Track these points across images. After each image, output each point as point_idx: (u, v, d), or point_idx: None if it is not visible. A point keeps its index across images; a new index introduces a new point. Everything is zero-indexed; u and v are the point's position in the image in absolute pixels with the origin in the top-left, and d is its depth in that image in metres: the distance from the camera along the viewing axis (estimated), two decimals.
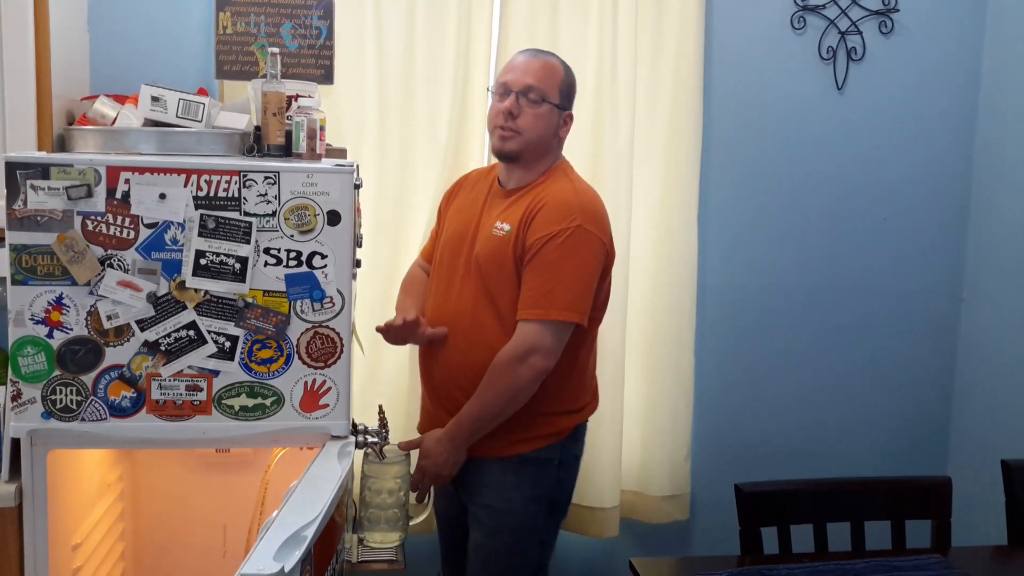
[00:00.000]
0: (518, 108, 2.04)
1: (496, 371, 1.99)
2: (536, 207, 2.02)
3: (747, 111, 2.85)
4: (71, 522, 2.04)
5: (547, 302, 1.97)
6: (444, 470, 2.07)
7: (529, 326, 1.98)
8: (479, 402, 2.01)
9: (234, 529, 2.37)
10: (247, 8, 2.39)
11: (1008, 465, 2.14)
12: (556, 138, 2.11)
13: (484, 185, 2.19)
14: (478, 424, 2.03)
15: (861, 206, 2.94)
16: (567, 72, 2.12)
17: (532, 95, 2.04)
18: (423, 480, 2.10)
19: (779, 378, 2.96)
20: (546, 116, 2.06)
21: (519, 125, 2.04)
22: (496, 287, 2.04)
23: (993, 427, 2.86)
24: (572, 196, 2.04)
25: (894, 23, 2.88)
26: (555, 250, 1.97)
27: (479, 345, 2.04)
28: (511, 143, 2.06)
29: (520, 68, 2.07)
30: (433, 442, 2.07)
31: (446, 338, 2.09)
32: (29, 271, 1.83)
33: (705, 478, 2.90)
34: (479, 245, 2.08)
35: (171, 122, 2.09)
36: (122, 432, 1.89)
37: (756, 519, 2.00)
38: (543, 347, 1.97)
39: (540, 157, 2.09)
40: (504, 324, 2.03)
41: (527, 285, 2.00)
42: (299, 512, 1.58)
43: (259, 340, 1.90)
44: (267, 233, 1.88)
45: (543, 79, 2.06)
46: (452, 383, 2.10)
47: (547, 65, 2.08)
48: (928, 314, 3.01)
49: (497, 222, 2.06)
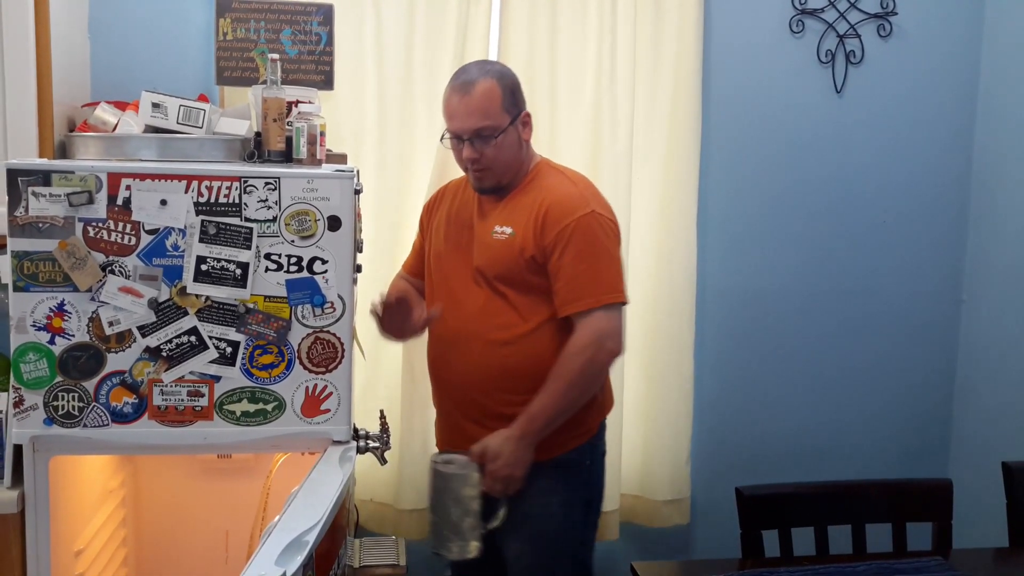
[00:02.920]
0: (478, 152, 2.01)
1: (570, 361, 1.97)
2: (541, 207, 2.01)
3: (746, 114, 2.86)
4: (73, 528, 2.04)
5: (595, 289, 1.97)
6: (517, 470, 1.98)
7: (590, 315, 1.97)
8: (553, 395, 1.97)
9: (236, 535, 2.37)
10: (247, 14, 2.40)
11: (1009, 467, 2.14)
12: (525, 144, 2.09)
13: (466, 195, 2.16)
14: (552, 417, 1.98)
15: (860, 208, 2.94)
16: (502, 80, 2.03)
17: (484, 134, 1.99)
18: (495, 485, 1.99)
19: (779, 381, 2.96)
20: (505, 143, 2.02)
21: (486, 162, 2.02)
22: (509, 289, 2.03)
23: (994, 429, 2.86)
24: (571, 186, 2.06)
25: (892, 26, 2.88)
26: (580, 239, 1.97)
27: (503, 347, 2.02)
28: (487, 181, 2.05)
29: (458, 113, 2.01)
30: (501, 442, 1.98)
31: (460, 350, 2.06)
32: (31, 278, 1.84)
33: (705, 481, 2.90)
34: (479, 254, 2.06)
35: (172, 128, 2.10)
36: (124, 438, 1.90)
37: (757, 522, 2.01)
38: (612, 331, 1.98)
39: (519, 170, 2.08)
40: (525, 321, 2.02)
41: (565, 278, 1.98)
42: (301, 517, 1.58)
43: (260, 345, 1.90)
44: (268, 238, 1.88)
45: (486, 112, 1.99)
46: (474, 389, 2.06)
47: (481, 94, 1.99)
48: (928, 316, 3.01)
49: (496, 227, 2.05)
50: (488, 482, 1.98)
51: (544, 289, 2.02)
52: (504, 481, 1.98)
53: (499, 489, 1.99)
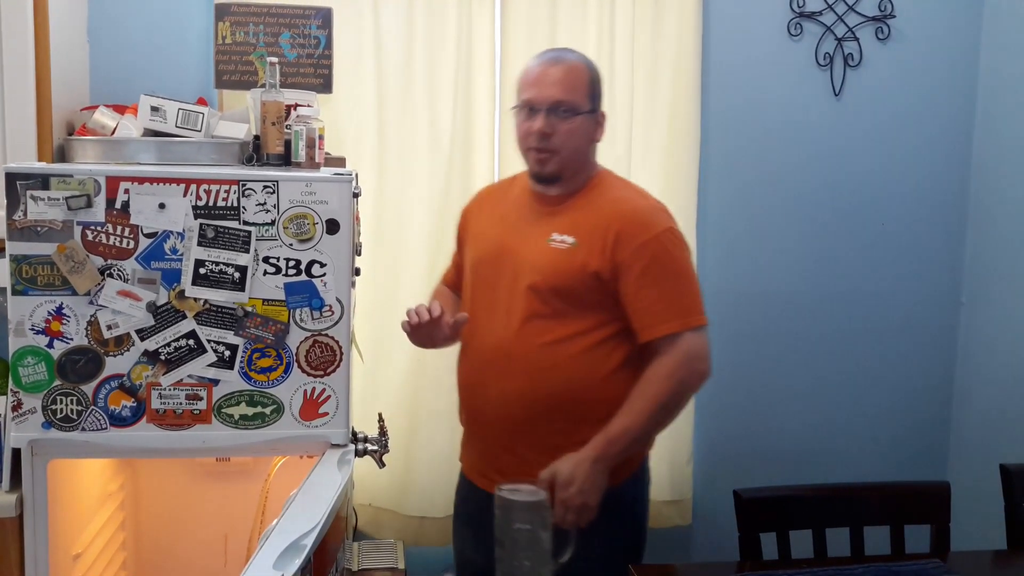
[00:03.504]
0: (551, 127, 1.88)
1: (660, 383, 1.83)
2: (613, 220, 1.88)
3: (745, 117, 2.86)
4: (72, 532, 2.04)
5: (681, 310, 1.86)
6: (591, 498, 1.80)
7: (679, 338, 1.85)
8: (639, 416, 1.83)
9: (235, 538, 2.37)
10: (246, 18, 2.40)
11: (1007, 469, 2.14)
12: (593, 144, 1.97)
13: (511, 198, 2.04)
14: (633, 441, 1.85)
15: (859, 211, 2.95)
16: (591, 69, 1.96)
17: (563, 109, 1.88)
18: (567, 515, 1.79)
19: (779, 383, 2.96)
20: (581, 128, 1.91)
21: (554, 144, 1.89)
22: (562, 303, 1.88)
23: (993, 431, 2.86)
24: (644, 200, 1.96)
25: (891, 29, 2.89)
26: (662, 257, 1.87)
27: (550, 369, 1.88)
28: (551, 165, 1.91)
29: (543, 81, 1.90)
30: (573, 467, 1.79)
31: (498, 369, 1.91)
32: (29, 281, 1.84)
33: (707, 483, 2.90)
34: (531, 262, 1.91)
35: (171, 132, 2.10)
36: (122, 441, 1.90)
37: (755, 525, 2.00)
38: (703, 352, 1.87)
39: (581, 169, 1.96)
40: (578, 340, 1.88)
41: (647, 299, 1.85)
42: (299, 520, 1.58)
43: (259, 349, 1.90)
44: (266, 242, 1.88)
45: (570, 88, 1.89)
46: (513, 415, 1.90)
47: (570, 70, 1.91)
48: (927, 318, 3.01)
49: (553, 234, 1.90)
50: (559, 512, 1.78)
51: (603, 307, 1.89)
52: (577, 510, 1.79)
53: (571, 520, 1.79)
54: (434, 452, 2.68)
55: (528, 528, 1.72)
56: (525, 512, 1.72)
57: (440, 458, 2.68)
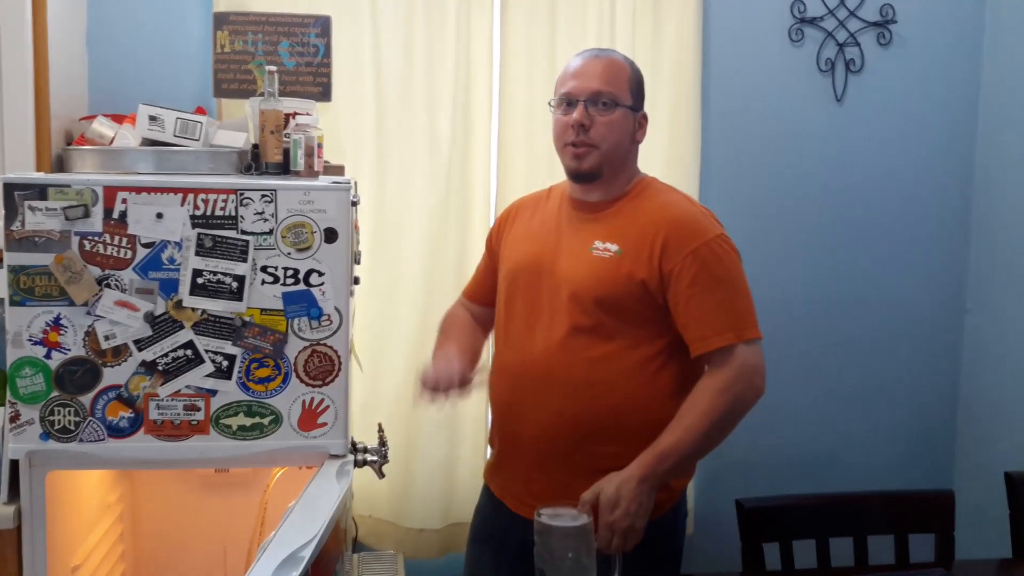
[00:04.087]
0: (589, 118, 1.79)
1: (716, 397, 1.72)
2: (660, 226, 1.77)
3: (746, 122, 2.85)
4: (70, 543, 2.03)
5: (737, 322, 1.75)
6: (639, 520, 1.66)
7: (733, 351, 1.73)
8: (693, 432, 1.70)
9: (234, 549, 2.36)
10: (245, 27, 2.40)
11: (1011, 477, 2.12)
12: (634, 144, 1.87)
13: (549, 207, 1.94)
14: (685, 458, 1.73)
15: (862, 217, 2.93)
16: (633, 68, 1.87)
17: (603, 100, 1.80)
18: (613, 539, 1.65)
19: (782, 392, 2.93)
20: (621, 122, 1.81)
21: (593, 138, 1.79)
22: (607, 316, 1.77)
23: (999, 438, 2.84)
24: (692, 206, 1.87)
25: (892, 34, 2.88)
26: (714, 265, 1.76)
27: (593, 386, 1.77)
28: (589, 160, 1.81)
29: (583, 73, 1.82)
30: (618, 486, 1.66)
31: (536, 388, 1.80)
32: (27, 292, 1.83)
33: (708, 492, 2.88)
34: (571, 271, 1.81)
35: (169, 141, 2.09)
36: (120, 452, 1.89)
37: (758, 535, 1.99)
38: (758, 367, 1.75)
39: (621, 169, 1.86)
40: (625, 355, 1.77)
41: (703, 308, 1.74)
42: (297, 532, 1.57)
43: (257, 359, 1.90)
44: (264, 251, 1.88)
45: (611, 80, 1.81)
46: (567, 439, 1.78)
47: (612, 64, 1.83)
48: (932, 325, 2.99)
49: (596, 242, 1.80)
50: (604, 536, 1.64)
51: (651, 320, 1.78)
52: (623, 533, 1.65)
53: (617, 544, 1.65)
54: (434, 463, 2.66)
55: (571, 556, 1.58)
56: (567, 538, 1.58)
57: (439, 469, 2.66)
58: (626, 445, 1.73)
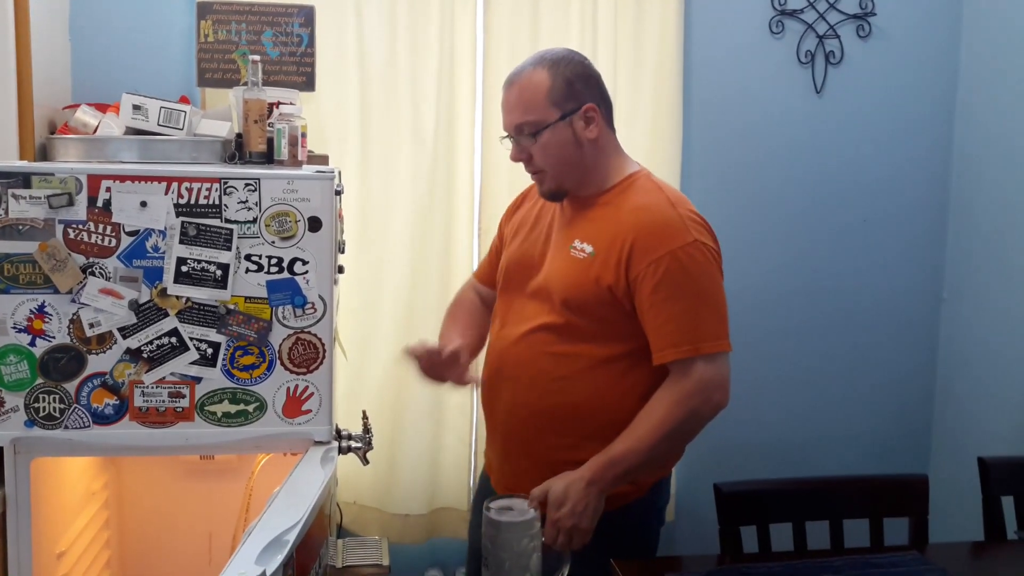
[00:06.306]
0: (524, 151, 1.80)
1: (672, 408, 1.72)
2: (630, 230, 1.74)
3: (727, 115, 2.88)
4: (55, 530, 2.04)
5: (697, 335, 1.72)
6: (584, 521, 1.69)
7: (692, 364, 1.72)
8: (645, 441, 1.71)
9: (219, 536, 2.38)
10: (228, 16, 2.40)
11: (984, 462, 2.16)
12: (589, 143, 1.80)
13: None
14: (634, 467, 1.72)
15: (841, 208, 2.97)
16: (555, 69, 1.78)
17: (526, 131, 1.78)
18: (558, 537, 1.69)
19: (761, 378, 2.98)
20: (553, 140, 1.77)
21: (537, 164, 1.81)
22: (576, 316, 1.78)
23: (974, 424, 2.89)
24: (669, 208, 1.76)
25: (871, 27, 2.91)
26: (677, 274, 1.71)
27: (555, 381, 1.79)
28: (546, 184, 1.83)
29: (504, 107, 1.82)
30: (565, 487, 1.69)
31: (505, 377, 1.85)
32: (11, 279, 1.84)
33: (687, 477, 2.92)
34: (549, 267, 1.83)
35: (153, 130, 2.10)
36: (105, 439, 1.90)
37: (735, 518, 2.02)
38: (719, 381, 1.74)
39: (591, 169, 1.82)
40: (588, 354, 1.77)
41: (662, 318, 1.72)
42: (281, 517, 1.58)
43: (241, 346, 1.91)
44: (248, 240, 1.89)
45: (527, 106, 1.77)
46: (519, 426, 1.84)
47: (525, 87, 1.78)
48: (908, 314, 3.04)
49: (576, 241, 1.80)
50: (550, 532, 1.68)
51: (618, 323, 1.77)
52: (568, 532, 1.68)
53: (562, 542, 1.69)
54: (418, 450, 2.69)
55: (515, 549, 1.60)
56: (513, 531, 1.61)
57: (424, 456, 2.69)
58: (585, 440, 1.76)
